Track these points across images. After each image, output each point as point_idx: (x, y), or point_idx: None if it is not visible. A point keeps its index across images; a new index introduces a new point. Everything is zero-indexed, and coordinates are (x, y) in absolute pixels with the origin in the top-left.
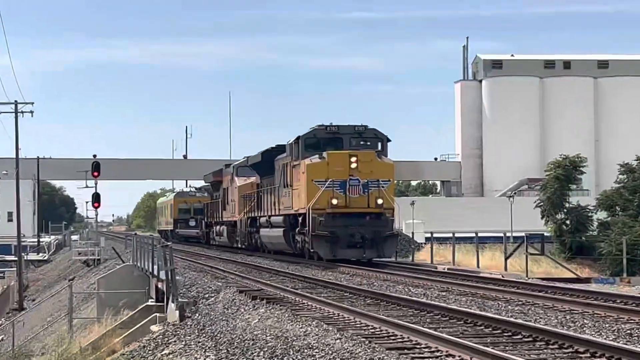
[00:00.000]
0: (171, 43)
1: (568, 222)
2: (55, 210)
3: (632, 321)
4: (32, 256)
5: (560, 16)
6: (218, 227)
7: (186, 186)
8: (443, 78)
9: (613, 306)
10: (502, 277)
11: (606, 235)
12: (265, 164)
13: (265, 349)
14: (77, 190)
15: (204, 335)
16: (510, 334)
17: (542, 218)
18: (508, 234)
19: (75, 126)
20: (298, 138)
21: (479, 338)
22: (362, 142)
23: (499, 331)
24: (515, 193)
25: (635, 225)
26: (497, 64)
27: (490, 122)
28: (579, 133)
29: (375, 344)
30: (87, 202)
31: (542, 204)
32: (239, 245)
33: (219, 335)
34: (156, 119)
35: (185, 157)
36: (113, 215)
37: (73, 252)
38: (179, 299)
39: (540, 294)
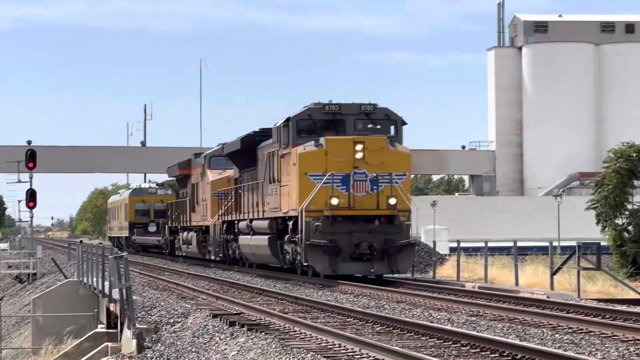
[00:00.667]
0: (126, 0)
1: (631, 228)
2: None
3: None
4: None
5: None
6: (185, 233)
7: (145, 181)
8: (473, 44)
9: None
10: (548, 297)
11: None
12: (246, 153)
13: None
14: (7, 186)
15: None
16: None
17: (597, 223)
18: (555, 243)
19: (5, 104)
20: (288, 120)
21: None
22: (370, 126)
23: None
24: (563, 191)
25: None
26: (541, 27)
27: (533, 101)
28: None
29: None
30: (19, 201)
31: (597, 205)
32: (212, 257)
33: None
34: (108, 95)
35: (143, 144)
36: (53, 218)
37: (1, 264)
38: (137, 325)
39: (595, 319)
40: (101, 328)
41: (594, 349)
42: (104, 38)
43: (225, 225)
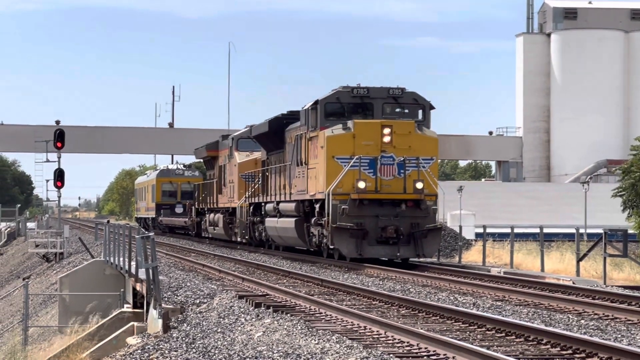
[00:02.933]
0: None
1: None
2: (6, 191)
3: None
4: None
5: None
6: (212, 215)
7: (172, 162)
8: (502, 30)
9: None
10: (574, 284)
11: None
12: (274, 135)
13: None
14: (36, 166)
15: (194, 350)
16: (583, 355)
17: (623, 210)
18: (581, 230)
19: (34, 84)
20: (316, 102)
21: None
22: (398, 109)
23: (569, 352)
24: (591, 178)
25: None
26: (570, 14)
27: (561, 88)
28: None
29: None
30: (47, 181)
31: (623, 192)
32: (239, 239)
33: (212, 351)
34: (136, 77)
35: (171, 125)
36: (80, 198)
37: (29, 243)
38: (163, 305)
39: (621, 306)
40: (127, 308)
41: (619, 335)
42: (133, 19)
43: (252, 208)
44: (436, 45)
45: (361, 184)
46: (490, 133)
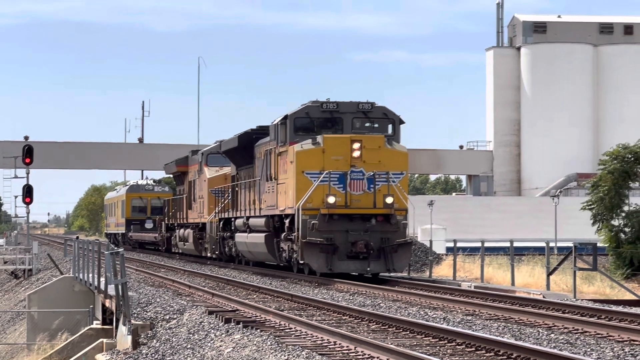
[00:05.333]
0: None
1: (627, 229)
2: None
3: None
4: None
5: None
6: (182, 230)
7: (142, 178)
8: (472, 44)
9: None
10: (544, 297)
11: None
12: (243, 150)
13: None
14: (4, 182)
15: None
16: None
17: (593, 224)
18: (551, 244)
19: (2, 100)
20: (285, 117)
21: None
22: (367, 124)
23: None
24: (561, 192)
25: None
26: (540, 27)
27: (531, 101)
28: None
29: None
30: (15, 197)
31: (593, 206)
32: (209, 254)
33: None
34: (105, 92)
35: (141, 140)
36: (49, 214)
37: None
38: (132, 321)
39: (591, 319)
40: (96, 324)
41: (589, 349)
42: (101, 34)
43: (221, 223)
44: (406, 59)
45: (331, 199)
46: (461, 147)
